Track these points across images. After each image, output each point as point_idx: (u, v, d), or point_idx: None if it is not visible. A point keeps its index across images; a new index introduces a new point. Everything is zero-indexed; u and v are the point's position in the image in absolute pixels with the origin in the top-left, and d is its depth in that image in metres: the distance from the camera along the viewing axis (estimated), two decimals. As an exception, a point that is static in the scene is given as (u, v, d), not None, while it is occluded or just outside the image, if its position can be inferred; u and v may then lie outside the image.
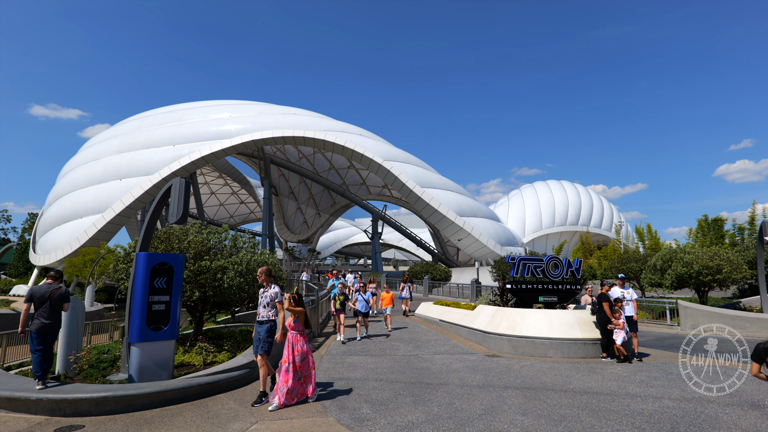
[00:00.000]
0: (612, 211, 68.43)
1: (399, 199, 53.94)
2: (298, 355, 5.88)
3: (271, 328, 6.11)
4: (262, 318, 6.16)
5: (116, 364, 7.11)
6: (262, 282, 6.26)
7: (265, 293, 6.26)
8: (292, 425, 5.05)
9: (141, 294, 6.44)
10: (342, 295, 11.56)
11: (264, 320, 6.13)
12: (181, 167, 35.95)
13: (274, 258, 10.05)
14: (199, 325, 8.80)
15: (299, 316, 6.03)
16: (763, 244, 13.89)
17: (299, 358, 5.88)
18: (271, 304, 6.18)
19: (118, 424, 5.10)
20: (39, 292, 6.11)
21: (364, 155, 39.98)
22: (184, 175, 36.35)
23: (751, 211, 29.79)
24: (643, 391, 6.45)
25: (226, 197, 67.20)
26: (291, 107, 44.96)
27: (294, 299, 5.98)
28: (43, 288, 6.18)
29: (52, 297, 6.13)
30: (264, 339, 6.03)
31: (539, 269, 10.73)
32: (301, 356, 5.91)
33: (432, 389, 6.58)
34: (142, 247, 6.75)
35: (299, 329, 6.02)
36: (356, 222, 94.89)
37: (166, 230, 8.83)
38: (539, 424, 5.06)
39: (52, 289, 6.18)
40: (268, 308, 6.17)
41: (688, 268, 16.07)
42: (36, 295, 6.08)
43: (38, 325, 5.99)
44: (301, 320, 6.04)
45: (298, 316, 6.02)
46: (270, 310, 6.17)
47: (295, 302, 5.99)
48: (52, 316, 6.11)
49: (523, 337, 9.54)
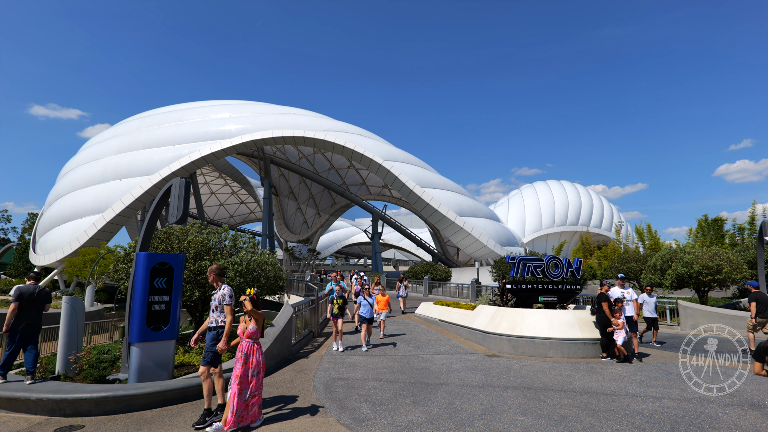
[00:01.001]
0: (612, 211, 68.43)
1: (399, 199, 53.93)
2: (253, 368, 5.03)
3: (219, 336, 5.33)
4: (210, 324, 5.45)
5: (116, 364, 7.12)
6: (212, 282, 5.60)
7: (214, 295, 5.56)
8: (292, 425, 5.05)
9: (141, 294, 6.44)
10: (341, 298, 10.49)
11: (212, 326, 5.41)
12: (181, 167, 35.94)
13: (274, 258, 10.06)
14: (199, 325, 8.80)
15: (259, 319, 5.22)
16: (763, 244, 13.90)
17: (253, 371, 5.03)
18: (219, 307, 5.42)
19: (118, 424, 5.10)
20: (28, 291, 6.36)
21: (364, 155, 39.98)
22: (184, 175, 36.35)
23: (751, 211, 29.79)
24: (643, 391, 6.44)
25: (226, 197, 67.18)
26: (291, 107, 44.96)
27: (252, 300, 5.20)
28: (30, 288, 6.42)
29: (39, 296, 6.43)
30: (207, 348, 5.28)
31: (539, 269, 10.73)
32: (256, 369, 5.07)
33: (432, 389, 6.57)
34: (142, 247, 6.75)
35: (256, 337, 5.20)
36: (356, 222, 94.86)
37: (166, 230, 8.84)
38: (539, 424, 5.06)
39: (39, 290, 6.47)
40: (217, 312, 5.42)
41: (688, 268, 16.06)
42: (25, 295, 6.31)
43: (27, 323, 6.24)
44: (260, 325, 5.25)
45: (257, 320, 5.21)
46: (220, 315, 5.43)
47: (253, 304, 5.19)
48: (38, 314, 6.43)
49: (523, 337, 9.54)
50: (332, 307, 10.51)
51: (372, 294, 11.18)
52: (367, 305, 10.46)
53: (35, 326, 6.36)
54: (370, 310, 10.43)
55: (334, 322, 10.20)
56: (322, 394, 6.32)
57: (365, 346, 9.99)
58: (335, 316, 10.23)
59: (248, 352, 5.08)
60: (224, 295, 5.40)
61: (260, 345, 5.27)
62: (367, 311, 10.38)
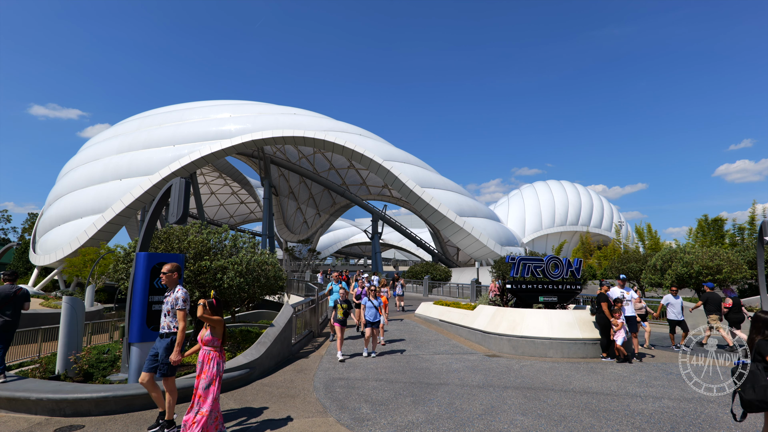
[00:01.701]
0: (612, 211, 68.45)
1: (399, 199, 53.94)
2: (205, 378, 4.52)
3: (171, 344, 4.87)
4: (162, 330, 4.94)
5: (116, 364, 7.12)
6: (166, 283, 5.06)
7: (167, 298, 5.02)
8: (292, 425, 5.05)
9: (141, 294, 6.43)
10: (345, 302, 9.52)
11: (165, 333, 4.92)
12: (181, 167, 35.95)
13: (274, 258, 10.05)
14: (199, 325, 8.80)
15: (216, 326, 4.65)
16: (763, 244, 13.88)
17: (204, 383, 4.50)
18: (172, 311, 4.93)
19: (118, 424, 5.10)
20: (4, 292, 6.37)
21: (364, 155, 39.99)
22: (184, 175, 36.36)
23: (751, 211, 29.80)
24: (643, 391, 6.44)
25: (226, 197, 67.18)
26: (291, 107, 44.98)
27: (211, 305, 4.65)
28: (6, 288, 6.44)
29: (17, 296, 6.43)
30: (161, 359, 4.79)
31: (539, 269, 10.73)
32: (208, 381, 4.52)
33: (432, 389, 6.57)
34: (142, 247, 6.75)
35: (214, 344, 4.65)
36: (356, 222, 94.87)
37: (166, 230, 8.83)
38: (539, 424, 5.06)
39: (15, 289, 6.47)
40: (170, 317, 4.94)
41: (688, 268, 16.07)
42: (1, 295, 6.32)
43: (2, 322, 6.28)
44: (219, 333, 4.67)
45: (214, 327, 4.64)
46: (172, 320, 4.96)
47: (211, 309, 4.64)
48: (15, 315, 6.43)
49: (523, 337, 9.54)
50: (335, 311, 9.58)
51: (378, 296, 10.11)
52: (372, 308, 9.43)
53: (12, 326, 6.40)
54: (375, 313, 9.45)
55: (337, 328, 9.35)
56: (322, 394, 6.32)
57: (365, 352, 9.28)
58: (338, 321, 9.37)
59: (203, 360, 4.60)
60: (177, 298, 4.91)
61: (220, 354, 4.69)
62: (372, 314, 9.39)
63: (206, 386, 4.49)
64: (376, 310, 9.47)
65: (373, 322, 9.37)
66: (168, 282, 5.03)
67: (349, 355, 9.27)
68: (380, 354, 9.46)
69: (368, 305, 9.45)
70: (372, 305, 9.42)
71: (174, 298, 4.94)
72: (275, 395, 6.29)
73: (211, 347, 4.64)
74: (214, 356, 4.63)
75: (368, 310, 9.44)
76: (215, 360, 4.62)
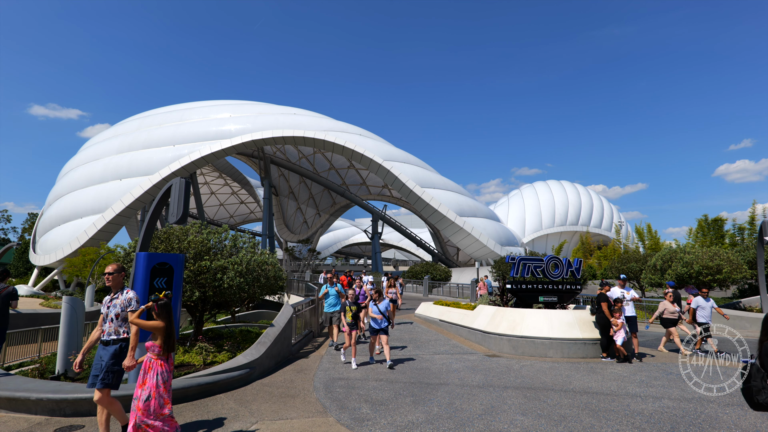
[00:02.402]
0: (612, 211, 68.47)
1: (399, 199, 53.95)
2: (145, 389, 4.07)
3: (121, 351, 4.44)
4: (107, 337, 4.47)
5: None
6: (110, 284, 4.58)
7: (114, 301, 4.58)
8: (292, 425, 5.05)
9: (141, 294, 6.42)
10: (355, 305, 8.73)
11: (113, 339, 4.46)
12: (181, 167, 35.96)
13: (274, 258, 10.05)
14: (199, 325, 8.80)
15: (158, 332, 4.24)
16: (763, 244, 13.89)
17: (145, 394, 4.05)
18: (121, 315, 4.53)
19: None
20: None
21: (364, 155, 39.99)
22: (184, 175, 36.36)
23: (751, 211, 29.83)
24: (643, 391, 6.45)
25: (226, 197, 67.20)
26: (291, 107, 44.99)
27: (154, 310, 4.26)
28: None
29: (2, 295, 6.45)
30: (108, 367, 4.31)
31: (539, 269, 10.73)
32: (147, 392, 4.05)
33: (432, 389, 6.58)
34: (142, 247, 6.75)
35: (154, 351, 4.22)
36: (356, 222, 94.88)
37: (166, 230, 8.83)
38: (539, 424, 5.06)
39: (1, 288, 6.50)
40: (117, 322, 4.51)
41: (688, 268, 16.07)
42: None
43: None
44: (160, 338, 4.23)
45: (155, 332, 4.25)
46: (121, 325, 4.52)
47: (155, 313, 4.25)
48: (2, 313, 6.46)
49: (523, 337, 9.54)
50: (344, 315, 8.72)
51: (385, 298, 9.06)
52: (377, 313, 8.44)
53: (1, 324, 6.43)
54: (383, 319, 8.44)
55: (346, 333, 8.54)
56: (322, 394, 6.32)
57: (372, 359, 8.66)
58: (349, 326, 8.52)
59: (145, 369, 4.18)
60: (130, 299, 4.55)
61: (164, 362, 4.23)
62: (375, 321, 8.49)
63: (146, 397, 4.05)
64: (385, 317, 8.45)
65: (381, 329, 8.42)
66: (114, 284, 4.60)
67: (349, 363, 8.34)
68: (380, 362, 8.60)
69: (373, 311, 8.45)
70: (377, 310, 8.42)
71: (126, 300, 4.56)
72: (275, 395, 6.30)
73: (152, 354, 4.22)
74: (154, 365, 4.16)
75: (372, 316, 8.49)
76: (156, 369, 4.14)
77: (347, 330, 8.55)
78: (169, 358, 4.31)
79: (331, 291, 10.51)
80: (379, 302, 8.57)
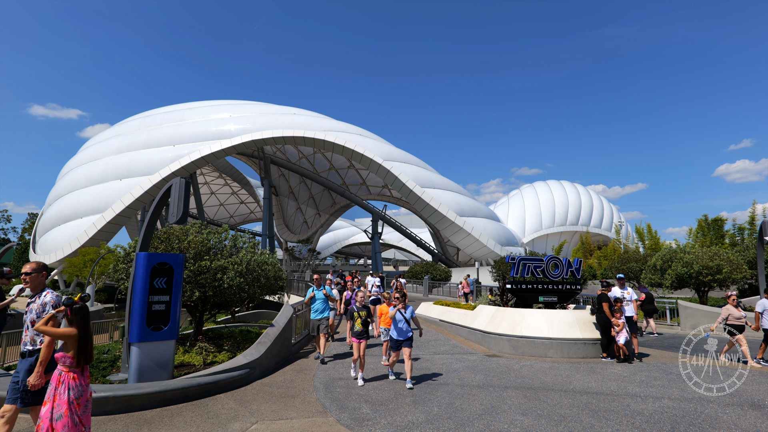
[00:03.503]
0: (612, 211, 68.47)
1: (399, 199, 53.95)
2: (57, 408, 3.45)
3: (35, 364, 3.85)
4: (25, 347, 3.94)
5: (116, 364, 7.12)
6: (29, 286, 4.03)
7: (31, 305, 3.97)
8: (292, 425, 5.05)
9: (141, 294, 6.44)
10: (364, 309, 7.39)
11: (29, 350, 3.93)
12: (181, 167, 35.95)
13: (274, 258, 10.04)
14: (199, 325, 8.80)
15: (69, 341, 3.59)
16: (763, 244, 13.89)
17: (56, 412, 3.43)
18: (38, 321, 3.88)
19: (118, 424, 5.10)
20: None
21: (364, 155, 39.99)
22: (184, 175, 36.36)
23: (751, 211, 29.81)
24: (643, 391, 6.45)
25: (226, 197, 67.19)
26: (291, 107, 45.00)
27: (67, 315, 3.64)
28: None
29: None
30: (25, 385, 3.77)
31: (539, 269, 10.73)
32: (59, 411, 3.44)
33: (432, 389, 6.57)
34: (142, 247, 6.75)
35: (65, 362, 3.59)
36: (356, 222, 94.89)
37: (166, 230, 8.83)
38: (539, 424, 5.06)
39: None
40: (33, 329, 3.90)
41: (688, 268, 16.07)
42: None
43: None
44: (71, 348, 3.60)
45: (67, 341, 3.60)
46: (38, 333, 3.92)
47: (68, 319, 3.64)
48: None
49: (523, 337, 9.54)
50: (353, 323, 7.29)
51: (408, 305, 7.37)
52: (402, 321, 7.01)
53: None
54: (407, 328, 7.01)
55: (355, 344, 7.12)
56: (322, 394, 6.32)
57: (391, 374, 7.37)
58: (357, 336, 7.13)
59: (55, 383, 3.55)
60: (45, 304, 3.93)
61: (78, 375, 3.62)
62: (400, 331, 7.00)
63: (58, 416, 3.43)
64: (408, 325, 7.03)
65: (404, 340, 6.98)
66: (32, 285, 4.01)
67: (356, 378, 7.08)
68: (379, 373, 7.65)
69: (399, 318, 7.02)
70: (403, 318, 7.02)
71: (41, 305, 3.92)
72: (275, 395, 6.29)
73: (63, 367, 3.59)
74: (65, 378, 3.55)
75: (399, 324, 7.00)
76: (66, 384, 3.53)
77: (356, 341, 7.11)
78: (85, 370, 3.70)
79: (319, 295, 9.26)
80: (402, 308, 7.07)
